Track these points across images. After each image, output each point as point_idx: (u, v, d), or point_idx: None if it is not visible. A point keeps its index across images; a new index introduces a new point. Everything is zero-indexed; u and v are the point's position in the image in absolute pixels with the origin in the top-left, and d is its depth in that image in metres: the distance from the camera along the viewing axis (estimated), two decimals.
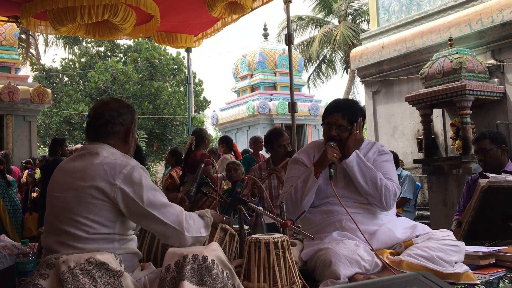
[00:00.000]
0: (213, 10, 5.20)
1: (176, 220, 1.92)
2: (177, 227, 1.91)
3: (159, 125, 20.49)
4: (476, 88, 6.54)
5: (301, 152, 2.66)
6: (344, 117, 2.47)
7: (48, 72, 22.17)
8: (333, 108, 2.52)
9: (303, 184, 2.39)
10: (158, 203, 1.90)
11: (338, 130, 2.47)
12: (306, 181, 2.38)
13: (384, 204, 2.36)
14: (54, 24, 4.89)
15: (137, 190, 1.87)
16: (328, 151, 2.35)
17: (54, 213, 1.93)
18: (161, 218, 1.89)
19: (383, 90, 9.01)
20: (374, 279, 1.84)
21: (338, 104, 2.56)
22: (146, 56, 21.34)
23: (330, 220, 2.39)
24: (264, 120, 15.58)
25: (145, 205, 1.87)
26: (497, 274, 2.22)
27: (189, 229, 1.94)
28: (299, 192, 2.39)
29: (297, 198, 2.39)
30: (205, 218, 2.08)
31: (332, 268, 2.02)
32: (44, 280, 1.57)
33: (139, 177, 1.90)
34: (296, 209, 2.41)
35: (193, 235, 1.95)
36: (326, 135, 2.50)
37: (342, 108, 2.51)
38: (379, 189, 2.35)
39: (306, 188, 2.37)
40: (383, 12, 9.22)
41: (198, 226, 2.01)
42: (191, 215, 2.00)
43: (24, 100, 10.84)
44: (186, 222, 1.94)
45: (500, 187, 2.63)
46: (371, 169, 2.39)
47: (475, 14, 7.14)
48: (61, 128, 19.62)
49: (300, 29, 23.95)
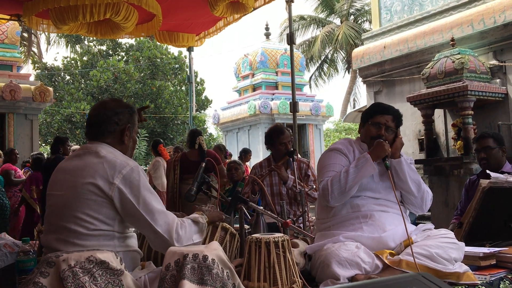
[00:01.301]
0: (215, 9, 5.20)
1: (167, 229, 1.92)
2: (166, 236, 1.91)
3: (160, 124, 20.52)
4: (478, 88, 6.53)
5: (339, 144, 2.68)
6: (394, 120, 2.58)
7: (50, 71, 22.21)
8: (385, 110, 2.60)
9: (356, 170, 2.39)
10: (152, 208, 1.91)
11: (386, 131, 2.54)
12: (361, 167, 2.39)
13: (424, 205, 2.51)
14: (56, 22, 4.88)
15: (134, 192, 1.88)
16: (385, 144, 2.44)
17: (54, 212, 1.94)
18: (152, 224, 1.90)
19: (385, 90, 9.01)
20: (374, 279, 1.84)
21: (389, 107, 2.64)
22: (148, 55, 21.37)
23: (355, 214, 2.41)
24: (265, 119, 15.57)
25: (140, 207, 1.88)
26: (497, 275, 2.22)
27: (179, 239, 1.94)
28: (350, 177, 2.38)
29: (347, 182, 2.37)
30: (199, 224, 2.08)
31: (331, 269, 2.03)
32: (45, 278, 1.58)
33: (138, 178, 1.91)
34: (342, 194, 2.39)
35: (182, 245, 1.94)
36: (374, 133, 2.55)
37: (392, 111, 2.61)
38: (421, 190, 2.49)
39: (360, 174, 2.38)
40: (385, 12, 9.20)
41: (190, 234, 2.00)
42: (183, 224, 1.99)
43: (26, 98, 10.85)
44: (176, 232, 1.93)
45: (501, 188, 2.63)
46: (415, 171, 2.52)
47: (477, 14, 7.13)
48: (62, 127, 19.66)
49: (302, 29, 23.98)
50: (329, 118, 17.90)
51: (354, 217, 2.40)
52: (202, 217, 2.12)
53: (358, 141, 2.66)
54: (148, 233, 1.94)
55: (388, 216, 2.36)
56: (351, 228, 2.34)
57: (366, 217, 2.37)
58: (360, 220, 2.37)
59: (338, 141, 2.74)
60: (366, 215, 2.38)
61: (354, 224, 2.37)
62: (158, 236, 1.91)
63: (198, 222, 2.08)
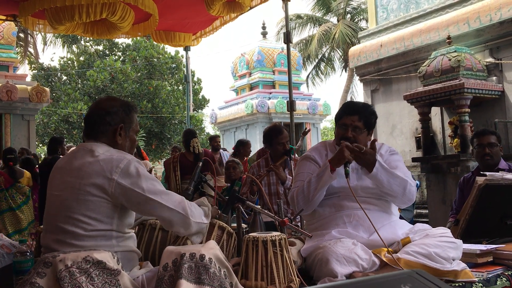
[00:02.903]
0: (212, 9, 5.20)
1: (180, 205, 1.94)
2: (181, 211, 1.93)
3: (157, 124, 20.50)
4: (475, 86, 6.54)
5: (312, 150, 2.69)
6: (361, 120, 2.51)
7: (46, 71, 22.14)
8: (350, 110, 2.55)
9: (317, 179, 2.40)
10: (158, 191, 1.92)
11: (354, 132, 2.50)
12: (321, 176, 2.39)
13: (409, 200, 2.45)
14: (52, 22, 4.88)
15: (136, 181, 1.88)
16: (345, 150, 2.37)
17: (52, 212, 1.93)
18: (165, 203, 1.91)
19: (382, 89, 9.02)
20: (370, 276, 1.84)
21: (355, 106, 2.59)
22: (144, 55, 21.34)
23: (339, 214, 2.41)
24: (262, 118, 15.58)
25: (146, 193, 1.88)
26: (494, 272, 2.23)
27: (193, 215, 1.97)
28: (312, 187, 2.40)
29: (310, 192, 2.40)
30: (203, 208, 2.11)
31: (329, 266, 2.03)
32: (41, 278, 1.57)
33: (136, 169, 1.90)
34: (307, 204, 2.42)
35: (197, 220, 1.98)
36: (341, 135, 2.52)
37: (359, 110, 2.54)
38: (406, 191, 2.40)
39: (320, 184, 2.38)
40: (382, 10, 9.21)
41: (199, 213, 2.03)
42: (191, 203, 2.03)
43: (23, 99, 10.83)
44: (189, 208, 1.97)
45: (498, 185, 2.63)
46: (398, 176, 2.39)
47: (473, 12, 7.14)
48: (59, 127, 19.61)
49: (299, 28, 23.95)
50: (326, 116, 17.93)
51: (338, 216, 2.40)
52: (205, 200, 2.17)
53: (334, 143, 2.64)
54: (163, 213, 1.93)
55: (370, 214, 2.31)
56: (337, 228, 2.35)
57: (350, 216, 2.37)
58: (344, 220, 2.37)
59: (313, 146, 2.75)
60: (350, 215, 2.38)
61: (339, 224, 2.36)
62: (173, 213, 1.92)
63: (202, 205, 2.13)
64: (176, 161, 5.71)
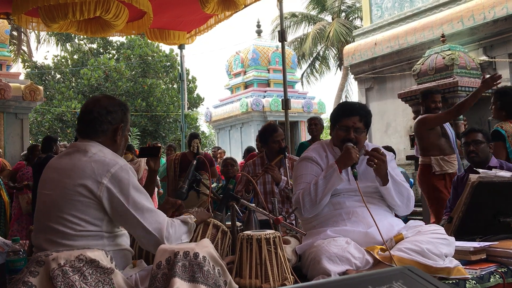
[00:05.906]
0: (206, 7, 5.19)
1: (157, 227, 1.89)
2: (157, 235, 1.89)
3: (152, 122, 20.44)
4: (468, 84, 6.57)
5: (311, 151, 2.65)
6: (361, 120, 2.52)
7: (40, 69, 22.02)
8: (350, 111, 2.54)
9: (325, 182, 2.38)
10: (142, 206, 1.88)
11: (355, 133, 2.50)
12: (329, 178, 2.37)
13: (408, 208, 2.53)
14: (46, 20, 4.84)
15: (124, 190, 1.86)
16: (352, 151, 2.37)
17: (43, 211, 1.92)
18: (143, 222, 1.87)
19: (376, 87, 9.04)
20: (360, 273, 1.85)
21: (354, 107, 2.59)
22: (139, 53, 21.26)
23: (337, 212, 2.41)
24: (257, 117, 15.57)
25: (129, 206, 1.85)
26: (488, 269, 2.23)
27: (169, 238, 1.91)
28: (319, 189, 2.38)
29: (317, 195, 2.38)
30: (188, 224, 2.06)
31: (322, 265, 2.03)
32: (34, 277, 1.56)
33: (127, 177, 1.88)
34: (314, 206, 2.40)
35: (171, 244, 1.91)
36: (343, 137, 2.51)
37: (358, 111, 2.54)
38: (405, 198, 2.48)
39: (329, 186, 2.37)
40: (376, 8, 9.23)
41: (179, 234, 1.98)
42: (173, 223, 1.97)
43: (16, 97, 10.75)
44: (166, 230, 1.91)
45: (491, 182, 2.64)
46: (403, 186, 2.48)
47: (467, 10, 7.17)
48: (53, 126, 19.51)
49: (294, 26, 23.97)
50: (321, 115, 17.93)
51: (337, 214, 2.40)
52: (190, 217, 2.10)
53: (331, 144, 2.63)
54: (138, 232, 1.90)
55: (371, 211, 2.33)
56: (335, 225, 2.35)
57: (349, 213, 2.37)
58: (343, 217, 2.37)
59: (311, 147, 2.72)
60: (349, 212, 2.38)
61: (337, 221, 2.37)
62: (149, 234, 1.89)
63: (187, 223, 2.06)
64: (177, 159, 6.00)
